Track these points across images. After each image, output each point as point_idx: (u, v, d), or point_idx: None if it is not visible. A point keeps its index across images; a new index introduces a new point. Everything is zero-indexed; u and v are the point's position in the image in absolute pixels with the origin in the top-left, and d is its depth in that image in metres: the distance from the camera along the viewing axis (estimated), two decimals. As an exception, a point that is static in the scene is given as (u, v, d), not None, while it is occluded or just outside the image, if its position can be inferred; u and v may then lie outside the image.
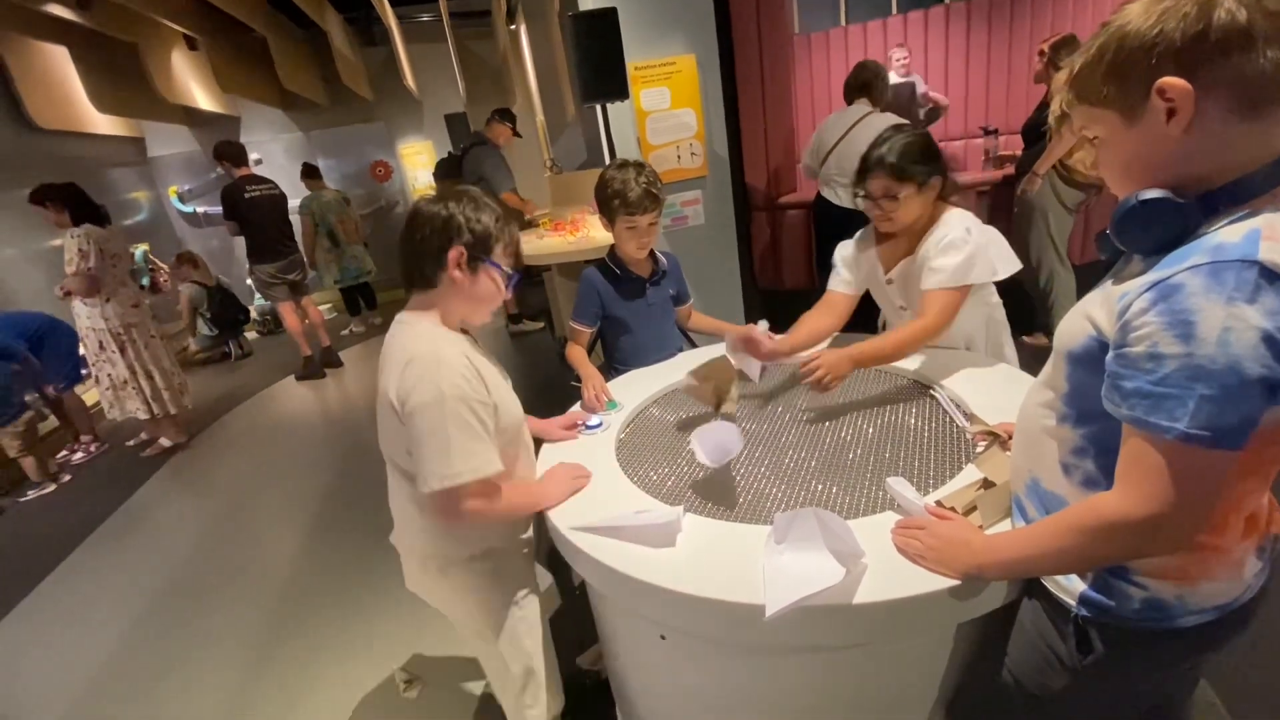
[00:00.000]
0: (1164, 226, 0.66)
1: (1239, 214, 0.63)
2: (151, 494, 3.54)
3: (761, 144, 3.47)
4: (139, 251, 5.90)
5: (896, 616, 0.86)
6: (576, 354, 1.78)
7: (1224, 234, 0.62)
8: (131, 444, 4.15)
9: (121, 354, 3.67)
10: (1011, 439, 1.04)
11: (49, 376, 3.84)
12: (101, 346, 3.64)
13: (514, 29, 6.39)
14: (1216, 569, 0.73)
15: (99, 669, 2.17)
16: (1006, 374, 1.42)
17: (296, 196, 5.60)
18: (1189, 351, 0.60)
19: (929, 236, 1.46)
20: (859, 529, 0.90)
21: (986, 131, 4.01)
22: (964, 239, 1.40)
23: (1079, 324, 0.74)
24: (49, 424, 4.39)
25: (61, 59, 5.27)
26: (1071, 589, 0.79)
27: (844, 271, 1.62)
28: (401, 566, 1.33)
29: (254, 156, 6.85)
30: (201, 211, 7.21)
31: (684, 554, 0.99)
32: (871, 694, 1.01)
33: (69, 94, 5.43)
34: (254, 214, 4.46)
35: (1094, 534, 0.71)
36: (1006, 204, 3.33)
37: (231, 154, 4.42)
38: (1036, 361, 0.92)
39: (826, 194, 3.17)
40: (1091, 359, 0.72)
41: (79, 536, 3.09)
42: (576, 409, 1.58)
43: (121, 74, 5.55)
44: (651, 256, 1.84)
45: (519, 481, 1.29)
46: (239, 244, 4.91)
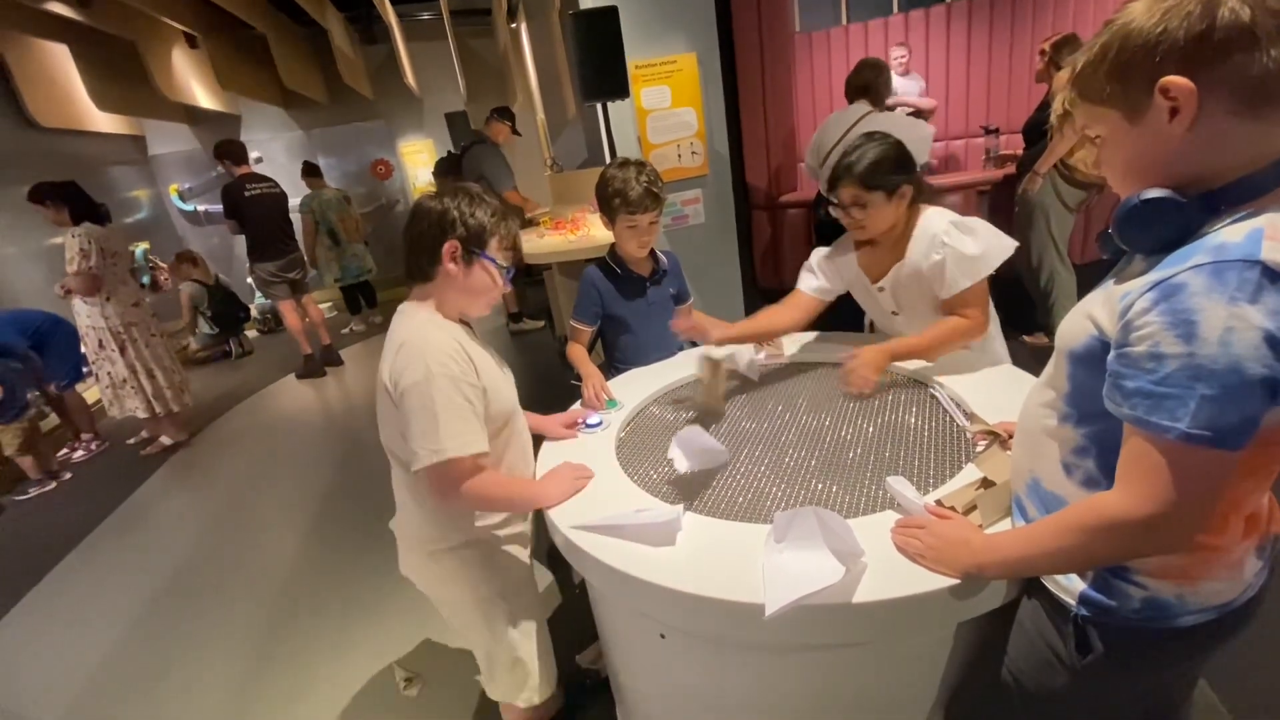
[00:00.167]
0: (1166, 226, 0.66)
1: (1241, 213, 0.63)
2: (152, 492, 3.54)
3: (762, 143, 3.46)
4: (139, 250, 5.90)
5: (896, 616, 0.86)
6: (577, 353, 1.78)
7: (1226, 234, 0.62)
8: (132, 442, 4.15)
9: (121, 353, 3.68)
10: (1011, 438, 1.04)
11: (50, 374, 3.84)
12: (101, 345, 3.64)
13: (515, 27, 6.38)
14: (1217, 569, 0.73)
15: (100, 666, 2.18)
16: (1007, 373, 1.42)
17: (297, 195, 5.60)
18: (1191, 351, 0.60)
19: (914, 239, 1.46)
20: (859, 528, 0.90)
21: (987, 130, 4.01)
22: (968, 228, 1.40)
23: (1081, 324, 0.74)
24: (50, 422, 4.40)
25: (62, 57, 5.27)
26: (1071, 588, 0.79)
27: (818, 278, 1.61)
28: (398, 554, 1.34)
29: (254, 155, 6.85)
30: (202, 210, 7.21)
31: (684, 553, 0.99)
32: (871, 693, 1.01)
33: (69, 92, 5.44)
34: (254, 212, 4.46)
35: (1094, 533, 0.71)
36: (1007, 203, 3.33)
37: (232, 152, 4.42)
38: (1037, 361, 0.92)
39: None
40: (1093, 359, 0.71)
41: (79, 534, 3.10)
42: (577, 407, 1.59)
43: (122, 72, 5.55)
44: (652, 255, 1.84)
45: (521, 477, 1.29)
46: (239, 242, 4.91)
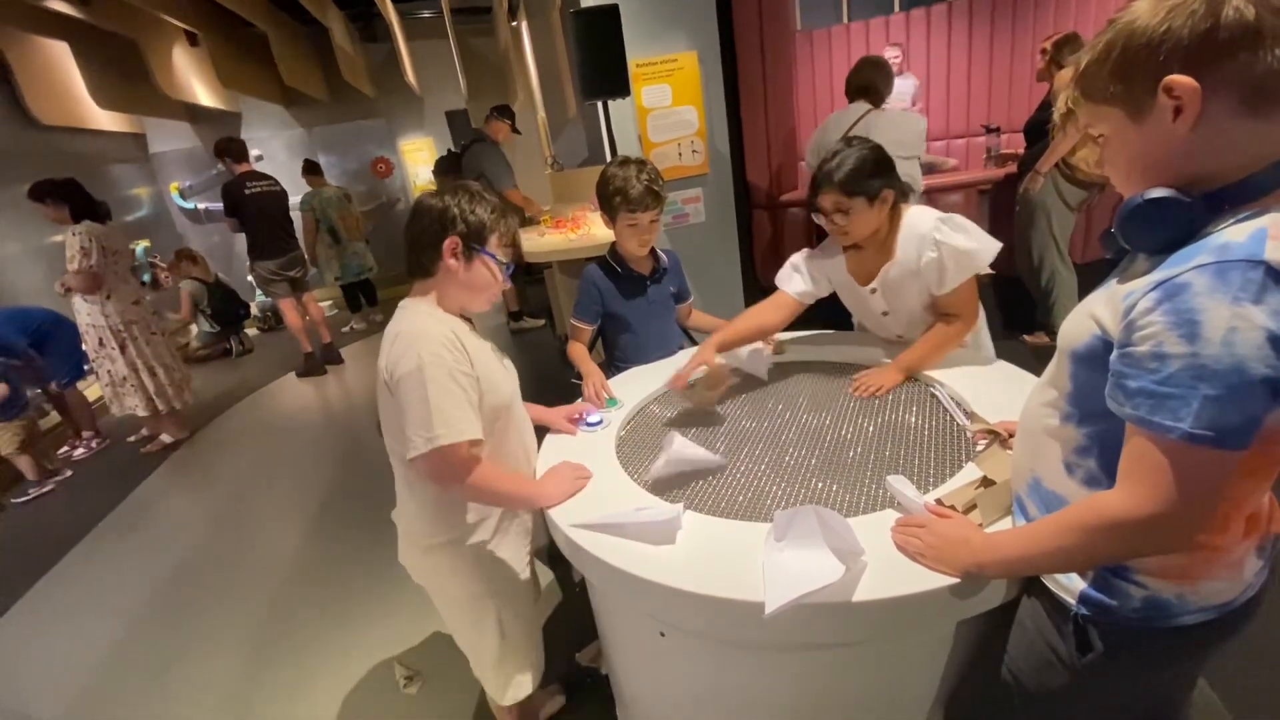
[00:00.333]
0: (1169, 225, 0.65)
1: (1245, 213, 0.62)
2: (152, 490, 3.54)
3: (763, 141, 3.46)
4: (140, 248, 5.91)
5: (896, 614, 0.86)
6: (578, 351, 1.78)
7: (1230, 233, 0.61)
8: (132, 440, 4.15)
9: (122, 351, 3.67)
10: (1011, 437, 1.04)
11: (51, 372, 3.84)
12: (102, 343, 3.64)
13: (515, 25, 6.38)
14: (1217, 568, 0.73)
15: (101, 663, 2.18)
16: (1007, 372, 1.42)
17: (298, 193, 5.60)
18: (1194, 351, 0.60)
19: (901, 239, 1.46)
20: (859, 527, 0.90)
21: (988, 129, 4.01)
22: (957, 224, 1.40)
23: (1083, 323, 0.73)
24: (50, 419, 4.40)
25: (62, 54, 5.26)
26: (1072, 588, 0.79)
27: (805, 282, 1.60)
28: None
29: (255, 153, 6.85)
30: (203, 208, 7.21)
31: (684, 551, 0.99)
32: (870, 692, 1.01)
33: (70, 90, 5.43)
34: (255, 210, 4.46)
35: (1095, 533, 0.71)
36: (1008, 203, 3.33)
37: (232, 150, 4.42)
38: (1038, 361, 0.92)
39: None
40: (1096, 358, 0.71)
41: (80, 532, 3.10)
42: (580, 403, 1.59)
43: (123, 70, 5.54)
44: (652, 254, 1.83)
45: (521, 471, 1.30)
46: (240, 240, 4.90)
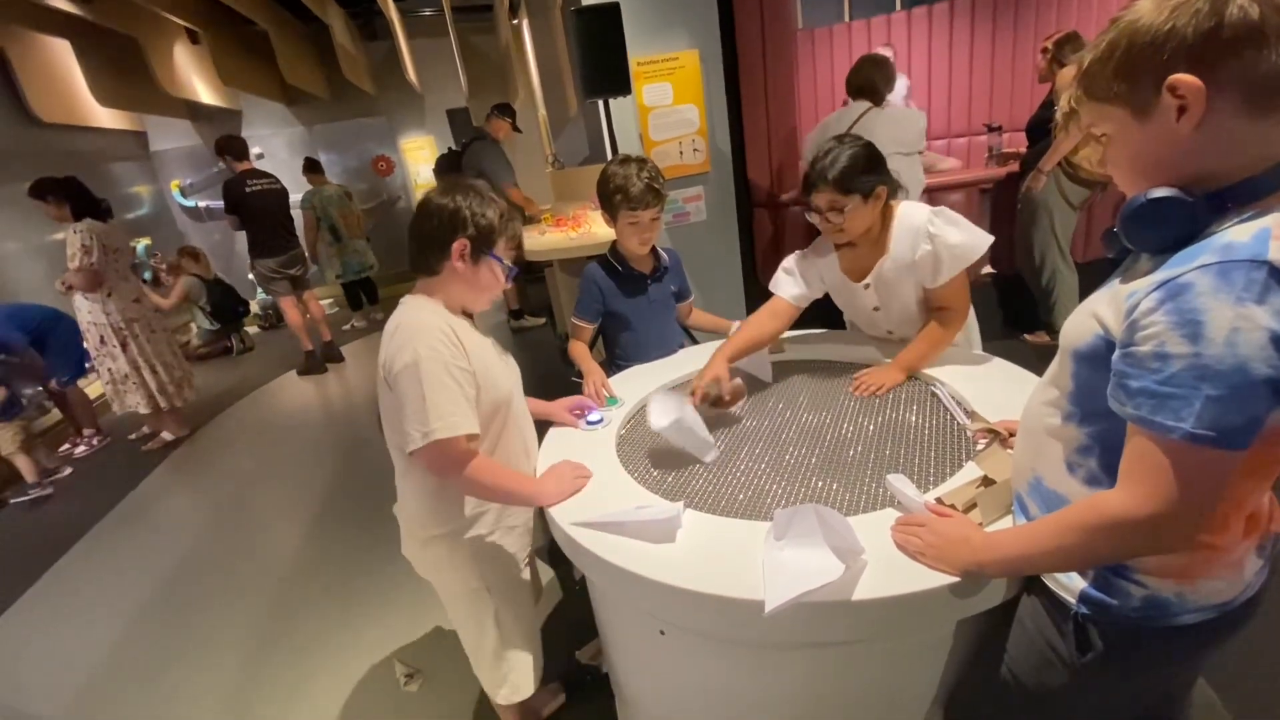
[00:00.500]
0: (1173, 225, 0.65)
1: (1248, 213, 0.62)
2: (153, 488, 3.54)
3: (764, 140, 3.45)
4: (141, 246, 5.91)
5: (896, 613, 0.86)
6: (579, 350, 1.78)
7: (1233, 233, 0.61)
8: (133, 438, 4.16)
9: (123, 349, 3.68)
10: (1012, 436, 1.04)
11: (52, 370, 3.84)
12: (103, 341, 3.64)
13: (516, 23, 6.37)
14: (1217, 568, 0.73)
15: (102, 660, 2.18)
16: (1007, 372, 1.42)
17: (299, 191, 5.60)
18: (1196, 351, 0.60)
19: (894, 234, 1.46)
20: (859, 525, 0.90)
21: (990, 128, 4.00)
22: (950, 218, 1.41)
23: (1086, 323, 0.73)
24: (51, 417, 4.40)
25: (63, 52, 5.26)
26: (1072, 587, 0.79)
27: (799, 285, 1.60)
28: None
29: (255, 151, 6.85)
30: (203, 206, 7.21)
31: (684, 550, 0.99)
32: (870, 690, 1.01)
33: (71, 87, 5.43)
34: (255, 208, 4.46)
35: (1096, 532, 0.71)
36: (1009, 202, 3.32)
37: (233, 148, 4.42)
38: (1039, 360, 0.92)
39: None
40: (1098, 358, 0.71)
41: (81, 530, 3.10)
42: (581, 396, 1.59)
43: (123, 67, 5.54)
44: (653, 253, 1.83)
45: (520, 467, 1.30)
46: (241, 238, 4.91)
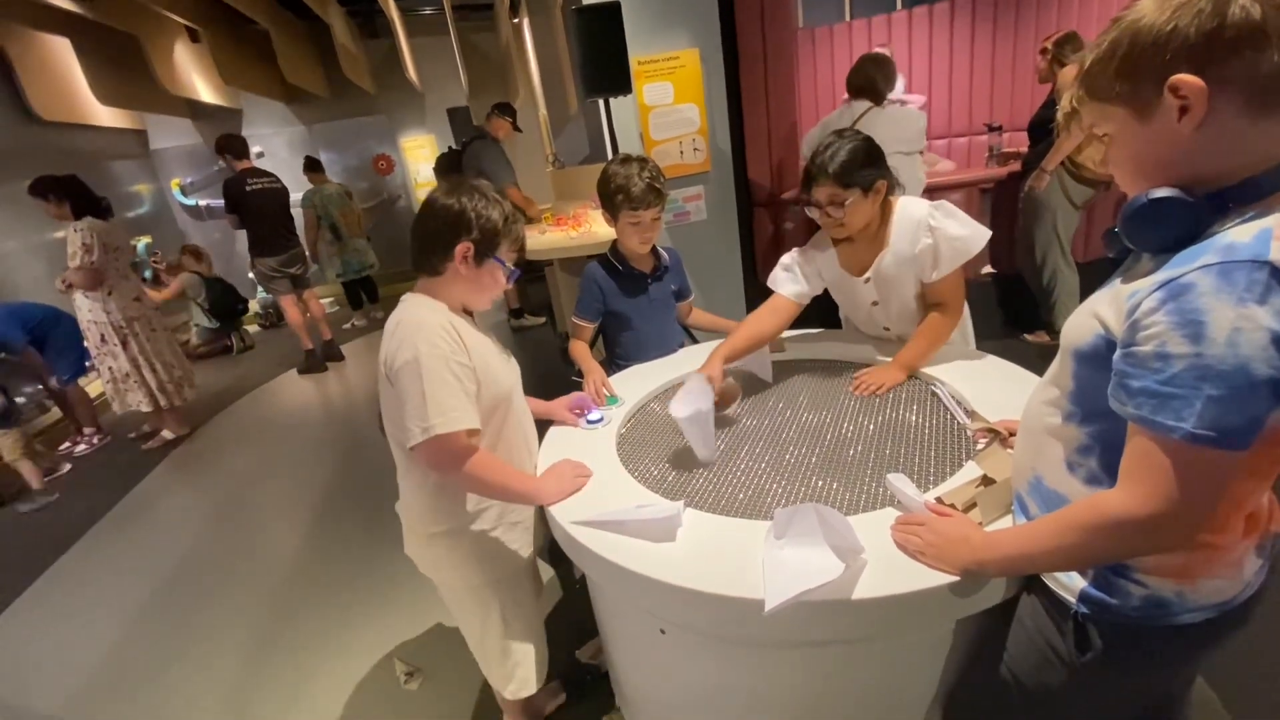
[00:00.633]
0: (1174, 225, 0.65)
1: (1250, 213, 0.62)
2: (153, 486, 3.54)
3: (764, 139, 3.45)
4: (141, 244, 5.91)
5: (895, 612, 0.86)
6: (579, 349, 1.78)
7: (1235, 233, 0.61)
8: (133, 436, 4.15)
9: (124, 347, 3.67)
10: (1012, 436, 1.05)
11: (52, 369, 3.83)
12: (103, 340, 3.64)
13: (517, 22, 6.37)
14: (1217, 567, 0.73)
15: (102, 659, 2.18)
16: (1007, 371, 1.42)
17: (299, 190, 5.59)
18: (1198, 351, 0.60)
19: (894, 228, 1.47)
20: (859, 525, 0.90)
21: (990, 128, 4.00)
22: (949, 211, 1.42)
23: (1087, 322, 0.73)
24: (51, 415, 4.41)
25: (63, 50, 5.26)
26: (1072, 586, 0.79)
27: (799, 282, 1.60)
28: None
29: (256, 149, 6.84)
30: (204, 204, 7.21)
31: (684, 549, 0.99)
32: (870, 689, 1.01)
33: (71, 86, 5.43)
34: (255, 207, 4.46)
35: (1096, 531, 0.71)
36: (1009, 201, 3.32)
37: (233, 147, 4.41)
38: (1039, 359, 0.92)
39: None
40: (1099, 357, 0.71)
41: (81, 528, 3.10)
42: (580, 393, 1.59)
43: (123, 66, 5.54)
44: (654, 252, 1.83)
45: (521, 466, 1.31)
46: (241, 237, 4.91)
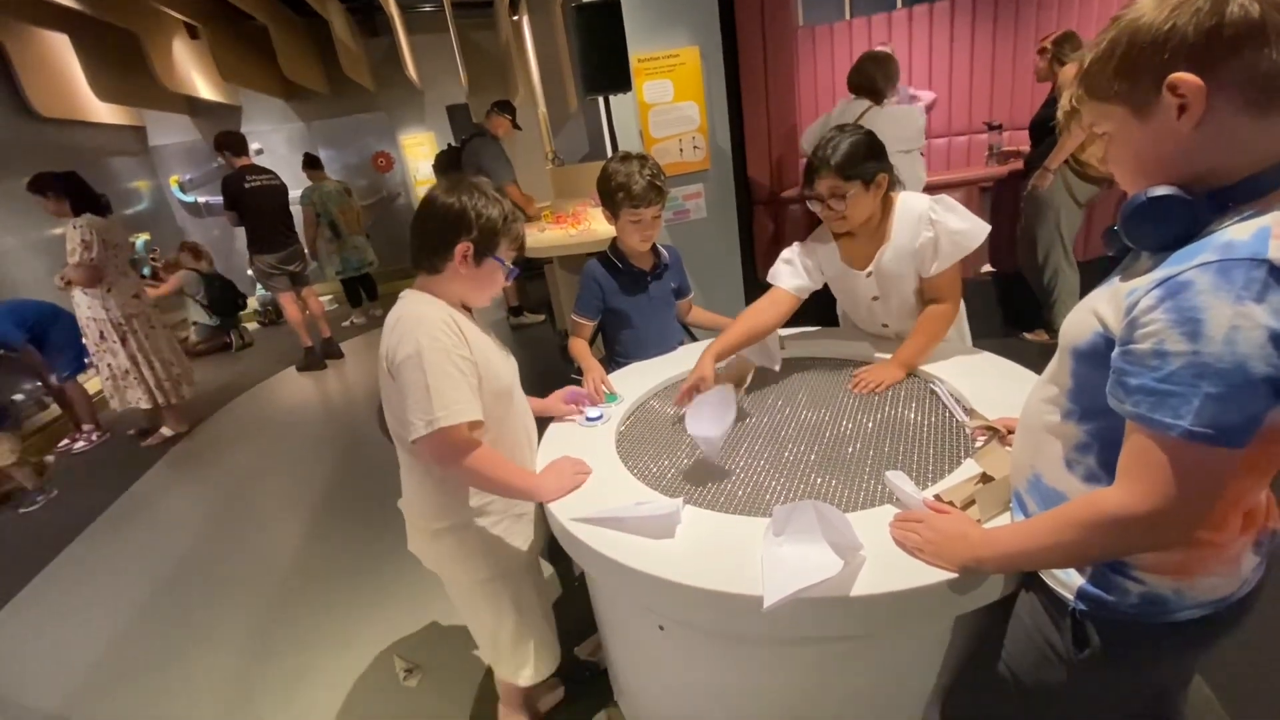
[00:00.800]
0: (1173, 223, 0.65)
1: (1249, 212, 0.62)
2: (152, 484, 3.54)
3: (764, 138, 3.44)
4: (140, 241, 5.90)
5: (894, 609, 0.86)
6: (578, 347, 1.78)
7: (1233, 231, 0.61)
8: (132, 433, 4.15)
9: (123, 344, 3.67)
10: (1010, 434, 1.05)
11: (51, 366, 3.83)
12: (102, 337, 3.64)
13: (517, 20, 6.36)
14: (1214, 564, 0.74)
15: (101, 656, 2.18)
16: (1006, 369, 1.42)
17: (298, 187, 5.59)
18: (1196, 349, 0.60)
19: (896, 221, 1.47)
20: (857, 522, 0.90)
21: (990, 127, 4.00)
22: (949, 205, 1.42)
23: (1086, 320, 0.73)
24: (50, 412, 4.40)
25: (62, 47, 5.24)
26: (1070, 583, 0.79)
27: (800, 276, 1.59)
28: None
29: (255, 146, 6.83)
30: (203, 201, 7.20)
31: (683, 545, 0.99)
32: (868, 686, 1.01)
33: (70, 82, 5.41)
34: (254, 204, 4.45)
35: (1094, 529, 0.71)
36: (1010, 201, 3.32)
37: (232, 144, 4.41)
38: (1038, 358, 0.92)
39: None
40: (1097, 355, 0.71)
41: (79, 526, 3.10)
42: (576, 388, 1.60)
43: (122, 62, 5.52)
44: (653, 250, 1.83)
45: (522, 462, 1.31)
46: (240, 234, 4.89)
